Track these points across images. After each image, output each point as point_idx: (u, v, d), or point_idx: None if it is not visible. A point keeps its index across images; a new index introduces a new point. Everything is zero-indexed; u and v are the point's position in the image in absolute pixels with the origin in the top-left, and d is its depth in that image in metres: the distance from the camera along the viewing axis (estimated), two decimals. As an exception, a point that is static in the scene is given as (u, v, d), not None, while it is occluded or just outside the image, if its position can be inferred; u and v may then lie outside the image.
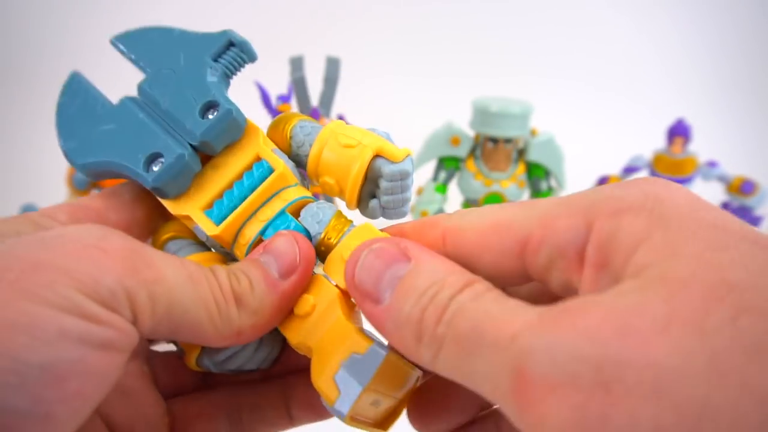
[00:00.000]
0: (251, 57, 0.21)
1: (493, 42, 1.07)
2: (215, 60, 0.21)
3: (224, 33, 0.21)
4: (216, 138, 0.20)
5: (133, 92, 0.24)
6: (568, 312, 0.12)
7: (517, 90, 0.72)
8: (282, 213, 0.20)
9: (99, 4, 1.00)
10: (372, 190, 0.21)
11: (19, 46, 0.98)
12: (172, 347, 0.24)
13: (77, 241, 0.15)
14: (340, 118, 0.61)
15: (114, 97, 0.24)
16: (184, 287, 0.16)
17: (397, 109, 1.04)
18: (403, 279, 0.16)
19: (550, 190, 0.65)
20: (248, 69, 0.22)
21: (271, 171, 0.20)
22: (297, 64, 0.56)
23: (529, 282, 0.17)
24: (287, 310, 0.19)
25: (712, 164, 0.59)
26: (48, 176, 0.67)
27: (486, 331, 0.13)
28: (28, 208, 0.56)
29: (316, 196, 0.22)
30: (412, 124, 0.83)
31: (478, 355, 0.13)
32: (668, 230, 0.13)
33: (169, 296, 0.16)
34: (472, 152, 0.63)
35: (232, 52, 0.21)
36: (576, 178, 0.68)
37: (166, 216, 0.21)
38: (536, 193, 0.65)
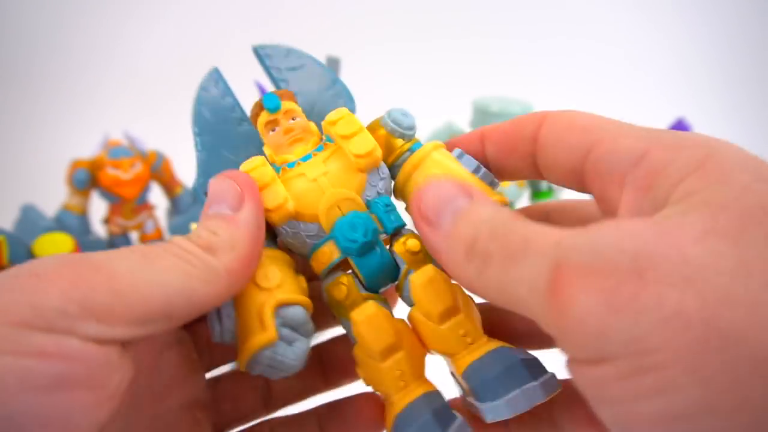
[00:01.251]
0: None
1: (493, 42, 1.07)
2: None
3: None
4: None
5: (133, 93, 0.24)
6: (608, 223, 0.13)
7: (517, 90, 0.72)
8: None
9: (99, 4, 1.00)
10: None
11: (19, 46, 0.98)
12: None
13: (8, 276, 0.14)
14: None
15: (114, 97, 0.24)
16: (145, 268, 0.16)
17: (397, 109, 1.04)
18: (461, 209, 0.17)
19: (549, 190, 0.65)
20: (248, 69, 0.22)
21: None
22: (297, 64, 0.56)
23: (577, 188, 0.19)
24: (260, 231, 0.19)
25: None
26: (48, 176, 0.67)
27: (533, 239, 0.14)
28: (28, 208, 0.56)
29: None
30: (412, 124, 0.83)
31: (522, 261, 0.14)
32: (720, 164, 0.14)
33: (132, 285, 0.15)
34: (472, 152, 0.63)
35: None
36: (576, 177, 0.68)
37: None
38: (536, 192, 0.65)
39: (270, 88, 0.27)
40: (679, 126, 0.58)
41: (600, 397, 0.12)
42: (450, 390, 0.22)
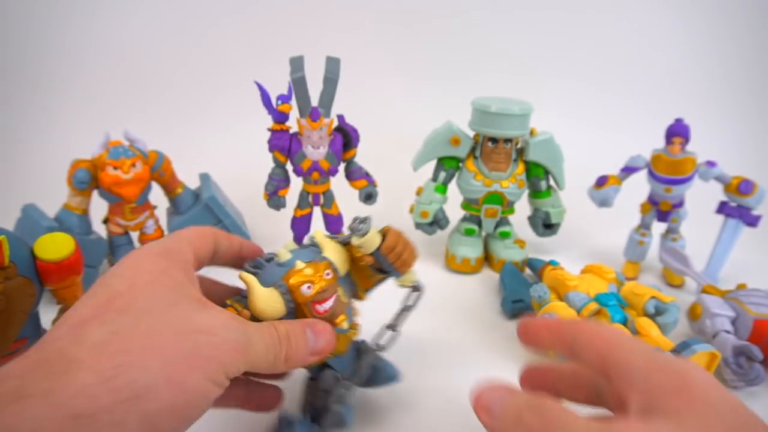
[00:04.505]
0: None
1: (493, 42, 1.07)
2: None
3: None
4: None
5: (133, 93, 0.24)
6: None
7: (517, 90, 0.72)
8: None
9: (99, 4, 1.00)
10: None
11: (19, 47, 0.98)
12: None
13: (225, 341, 0.26)
14: (340, 118, 0.61)
15: (114, 97, 0.24)
16: (265, 355, 0.29)
17: (397, 109, 1.04)
18: (506, 398, 0.26)
19: (549, 190, 0.65)
20: (248, 69, 0.23)
21: None
22: (297, 64, 0.56)
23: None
24: (306, 365, 0.32)
25: (710, 164, 0.59)
26: (48, 176, 0.67)
27: (567, 423, 0.23)
28: (29, 208, 0.56)
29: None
30: (412, 124, 0.83)
31: None
32: (692, 389, 0.23)
33: (255, 362, 0.28)
34: (472, 152, 0.64)
35: None
36: (575, 177, 0.68)
37: None
38: (535, 192, 0.65)
39: (270, 89, 0.27)
40: (678, 126, 0.59)
41: None
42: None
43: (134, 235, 0.62)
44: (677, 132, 0.59)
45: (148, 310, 0.25)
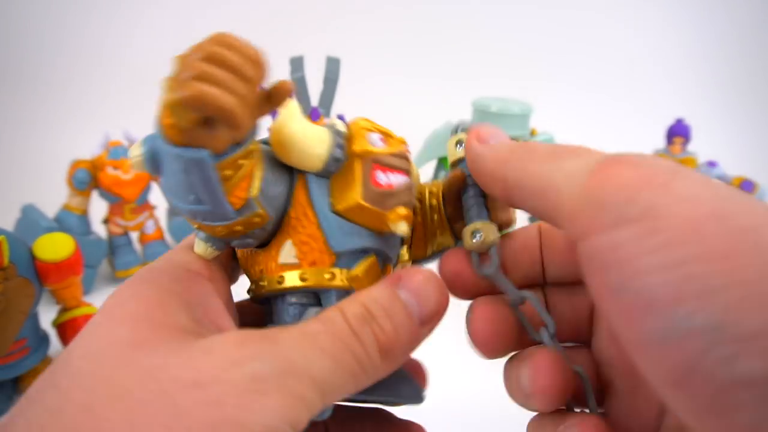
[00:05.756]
0: None
1: (493, 42, 1.07)
2: None
3: None
4: None
5: (133, 93, 0.24)
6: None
7: (517, 90, 0.72)
8: None
9: (99, 4, 1.00)
10: None
11: (19, 47, 0.98)
12: None
13: (239, 389, 0.15)
14: (340, 118, 0.61)
15: (114, 97, 0.24)
16: (331, 374, 0.16)
17: (397, 109, 1.04)
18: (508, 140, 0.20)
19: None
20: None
21: None
22: (297, 64, 0.56)
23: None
24: (413, 351, 0.19)
25: (711, 164, 0.59)
26: (48, 176, 0.67)
27: (583, 151, 0.17)
28: (28, 208, 0.56)
29: None
30: (412, 124, 0.83)
31: (567, 159, 0.17)
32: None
33: (322, 393, 0.16)
34: (472, 152, 0.64)
35: None
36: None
37: None
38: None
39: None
40: (679, 126, 0.58)
41: (606, 261, 0.15)
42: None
43: (134, 236, 0.62)
44: (678, 132, 0.59)
45: (88, 372, 0.15)
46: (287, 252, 0.19)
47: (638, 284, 0.14)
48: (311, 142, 0.19)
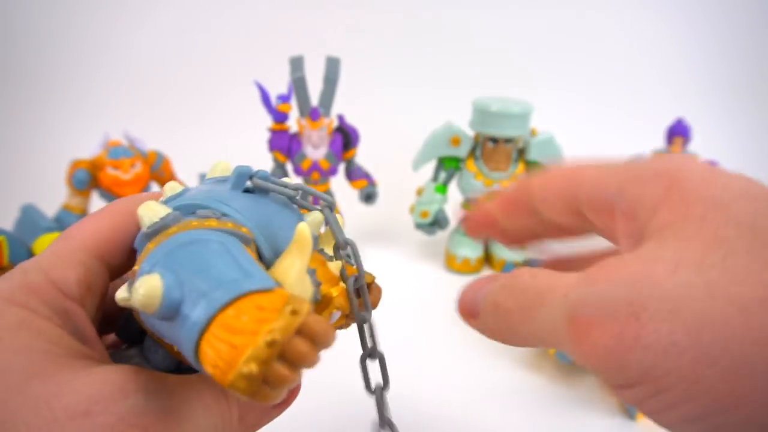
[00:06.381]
0: None
1: (493, 42, 1.07)
2: None
3: None
4: None
5: (133, 93, 0.24)
6: (603, 269, 0.16)
7: (517, 90, 0.72)
8: None
9: (99, 5, 1.00)
10: None
11: (19, 47, 0.98)
12: None
13: (120, 417, 0.16)
14: (340, 118, 0.61)
15: (114, 97, 0.24)
16: (207, 419, 0.18)
17: (397, 109, 1.04)
18: (487, 291, 0.20)
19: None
20: (248, 69, 0.22)
21: None
22: (297, 64, 0.56)
23: (585, 231, 0.22)
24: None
25: (711, 164, 0.59)
26: (48, 176, 0.67)
27: (546, 293, 0.17)
28: (28, 208, 0.56)
29: None
30: (412, 124, 0.83)
31: (542, 311, 0.17)
32: (681, 196, 0.16)
33: None
34: (472, 152, 0.63)
35: None
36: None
37: None
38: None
39: (270, 89, 0.27)
40: (679, 126, 0.58)
41: (638, 407, 0.16)
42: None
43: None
44: (678, 132, 0.59)
45: None
46: None
47: (663, 423, 0.15)
48: (304, 285, 0.18)
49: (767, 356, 0.13)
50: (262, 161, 0.65)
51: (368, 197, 0.63)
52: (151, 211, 0.18)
